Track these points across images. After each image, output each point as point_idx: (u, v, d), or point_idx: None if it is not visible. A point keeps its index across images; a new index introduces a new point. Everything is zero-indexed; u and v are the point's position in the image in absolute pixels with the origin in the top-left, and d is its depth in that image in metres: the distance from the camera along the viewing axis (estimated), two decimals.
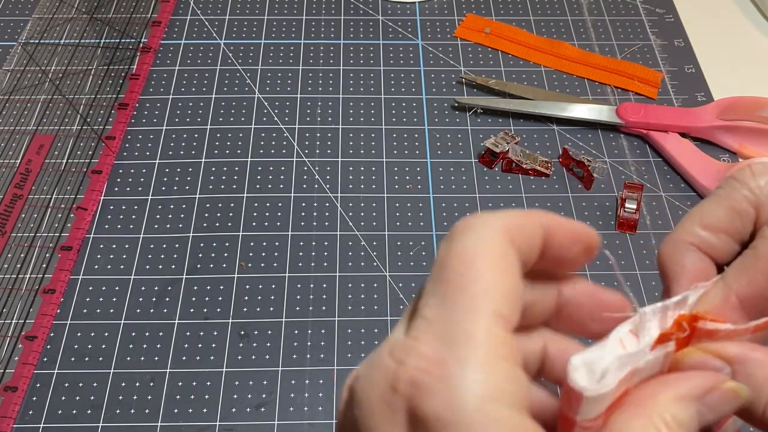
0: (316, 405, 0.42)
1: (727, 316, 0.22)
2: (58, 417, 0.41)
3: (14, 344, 0.43)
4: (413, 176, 0.52)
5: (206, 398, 0.42)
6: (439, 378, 0.17)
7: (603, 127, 0.55)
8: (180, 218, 0.49)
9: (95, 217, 0.49)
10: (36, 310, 0.44)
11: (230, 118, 0.55)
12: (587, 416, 0.19)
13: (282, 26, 0.61)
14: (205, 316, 0.45)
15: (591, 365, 0.19)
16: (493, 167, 0.52)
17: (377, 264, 0.47)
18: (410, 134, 0.54)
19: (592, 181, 0.51)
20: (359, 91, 0.57)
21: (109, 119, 0.54)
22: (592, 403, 0.19)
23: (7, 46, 0.59)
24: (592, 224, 0.49)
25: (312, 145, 0.53)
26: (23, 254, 0.47)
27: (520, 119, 0.55)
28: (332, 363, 0.43)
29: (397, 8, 0.63)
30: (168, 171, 0.51)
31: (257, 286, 0.46)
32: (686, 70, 0.59)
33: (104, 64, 0.58)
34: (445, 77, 0.58)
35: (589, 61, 0.59)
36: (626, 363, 0.19)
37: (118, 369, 0.43)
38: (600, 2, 0.64)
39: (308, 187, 0.51)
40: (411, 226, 0.49)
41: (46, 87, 0.56)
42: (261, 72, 0.58)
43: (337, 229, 0.49)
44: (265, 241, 0.48)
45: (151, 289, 0.46)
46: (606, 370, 0.19)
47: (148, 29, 0.60)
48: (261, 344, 0.44)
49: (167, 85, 0.57)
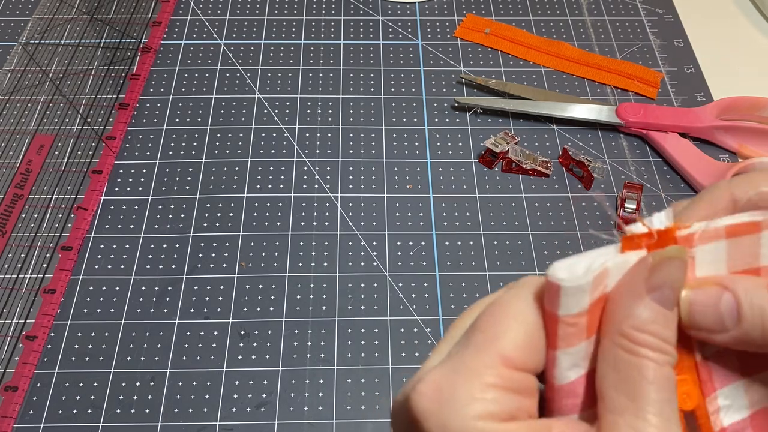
0: (316, 405, 0.42)
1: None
2: (58, 417, 0.41)
3: (15, 344, 0.43)
4: (413, 176, 0.52)
5: (206, 398, 0.42)
6: (435, 400, 0.20)
7: (603, 127, 0.55)
8: (180, 218, 0.49)
9: (95, 217, 0.49)
10: (36, 310, 0.44)
11: (230, 118, 0.55)
12: (568, 312, 0.20)
13: (282, 26, 0.61)
14: (205, 316, 0.45)
15: (571, 266, 0.20)
16: (493, 167, 0.52)
17: (377, 264, 0.47)
18: (410, 134, 0.54)
19: (592, 181, 0.51)
20: (359, 91, 0.57)
21: (110, 119, 0.54)
22: (571, 296, 0.20)
23: (7, 46, 0.59)
24: (591, 224, 0.49)
25: (312, 145, 0.53)
26: (24, 254, 0.47)
27: (520, 119, 0.55)
28: (332, 363, 0.43)
29: (397, 8, 0.63)
30: (168, 171, 0.51)
31: (257, 286, 0.46)
32: (686, 70, 0.59)
33: (104, 64, 0.58)
34: (444, 77, 0.58)
35: (589, 61, 0.59)
36: (599, 261, 0.20)
37: (118, 369, 0.43)
38: (600, 2, 0.64)
39: (308, 187, 0.51)
40: (411, 226, 0.49)
41: (46, 87, 0.56)
42: (261, 72, 0.58)
43: (337, 229, 0.49)
44: (265, 241, 0.48)
45: (151, 289, 0.46)
46: (586, 268, 0.20)
47: (149, 29, 0.60)
48: (261, 344, 0.44)
49: (167, 85, 0.57)
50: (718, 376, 0.22)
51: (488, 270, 0.47)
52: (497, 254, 0.48)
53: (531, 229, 0.49)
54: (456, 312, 0.45)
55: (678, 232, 0.22)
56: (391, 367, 0.43)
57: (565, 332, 0.21)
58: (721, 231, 0.22)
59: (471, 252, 0.48)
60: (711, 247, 0.22)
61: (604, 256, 0.21)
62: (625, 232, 0.21)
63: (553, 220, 0.50)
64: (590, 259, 0.21)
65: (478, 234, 0.49)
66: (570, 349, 0.21)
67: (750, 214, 0.22)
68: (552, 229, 0.49)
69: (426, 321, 0.45)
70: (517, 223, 0.49)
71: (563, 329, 0.21)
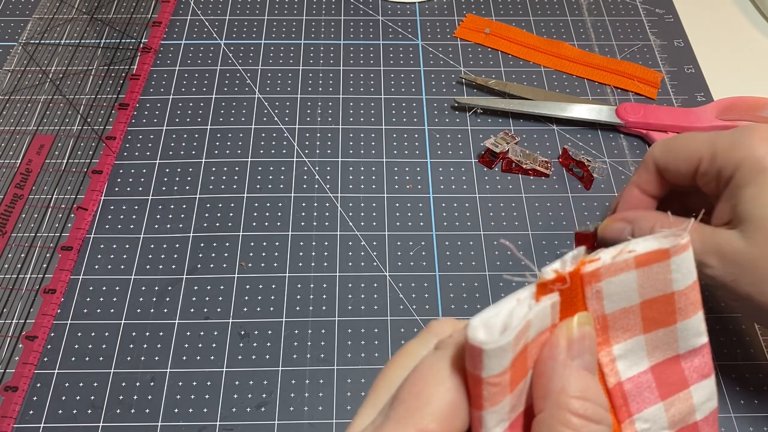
0: (316, 405, 0.42)
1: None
2: (58, 417, 0.41)
3: (15, 344, 0.43)
4: (413, 176, 0.52)
5: (206, 398, 0.42)
6: None
7: (603, 127, 0.55)
8: (180, 218, 0.49)
9: (95, 217, 0.49)
10: (36, 310, 0.44)
11: (230, 118, 0.55)
12: (492, 372, 0.20)
13: (282, 26, 0.61)
14: (205, 316, 0.45)
15: (488, 322, 0.20)
16: (493, 167, 0.52)
17: (377, 264, 0.47)
18: (410, 134, 0.54)
19: (592, 181, 0.51)
20: (359, 91, 0.57)
21: (110, 119, 0.54)
22: (494, 357, 0.20)
23: (7, 46, 0.59)
24: (591, 225, 0.49)
25: (312, 145, 0.53)
26: (24, 254, 0.47)
27: (520, 119, 0.55)
28: (332, 363, 0.43)
29: (397, 8, 0.63)
30: (168, 171, 0.52)
31: (257, 286, 0.46)
32: (686, 70, 0.59)
33: (104, 65, 0.58)
34: (444, 77, 0.58)
35: (589, 61, 0.59)
36: (518, 316, 0.20)
37: (118, 369, 0.43)
38: (600, 2, 0.64)
39: (308, 187, 0.51)
40: (411, 226, 0.49)
41: (46, 87, 0.56)
42: (261, 72, 0.58)
43: (337, 229, 0.49)
44: (265, 241, 0.48)
45: (151, 289, 0.46)
46: (504, 325, 0.20)
47: (149, 29, 0.60)
48: (261, 344, 0.44)
49: (167, 85, 0.57)
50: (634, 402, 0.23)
51: (488, 270, 0.47)
52: (497, 254, 0.48)
53: (531, 229, 0.49)
54: (456, 312, 0.45)
55: (583, 268, 0.22)
56: None
57: (489, 392, 0.20)
58: (630, 262, 0.22)
59: (471, 252, 0.48)
60: (620, 279, 0.22)
61: (521, 305, 0.21)
62: (538, 278, 0.21)
63: (553, 220, 0.50)
64: (506, 311, 0.20)
65: (478, 234, 0.49)
66: (495, 408, 0.21)
67: (655, 238, 0.22)
68: (552, 229, 0.49)
69: (426, 321, 0.45)
70: (517, 223, 0.49)
71: (487, 389, 0.20)
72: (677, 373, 0.24)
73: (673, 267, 0.22)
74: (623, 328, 0.23)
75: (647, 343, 0.23)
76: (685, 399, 0.24)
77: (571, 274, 0.21)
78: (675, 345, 0.23)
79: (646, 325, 0.23)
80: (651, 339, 0.23)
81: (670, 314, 0.23)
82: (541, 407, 0.21)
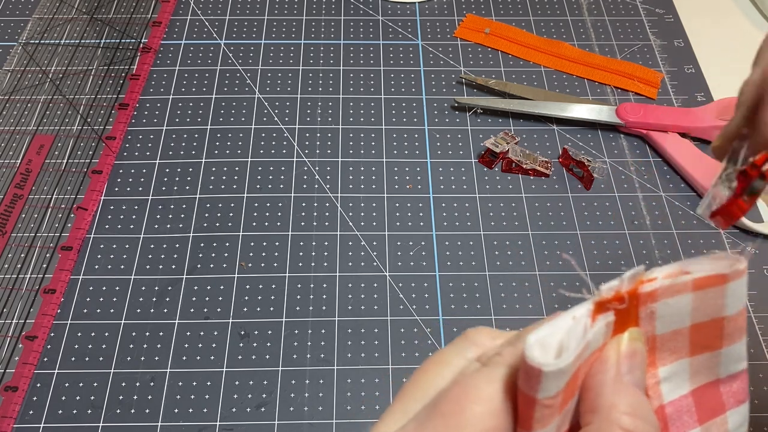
0: (316, 405, 0.42)
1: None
2: (58, 417, 0.41)
3: (15, 344, 0.43)
4: (413, 176, 0.52)
5: (206, 398, 0.42)
6: None
7: (603, 127, 0.55)
8: (180, 218, 0.49)
9: (95, 217, 0.49)
10: (36, 310, 0.44)
11: (230, 118, 0.55)
12: (548, 394, 0.19)
13: (282, 26, 0.61)
14: (205, 316, 0.45)
15: (544, 341, 0.19)
16: (493, 167, 0.52)
17: (377, 264, 0.47)
18: (410, 134, 0.54)
19: (592, 181, 0.51)
20: (359, 91, 0.57)
21: (110, 119, 0.54)
22: (552, 378, 0.19)
23: (7, 46, 0.59)
24: (591, 224, 0.49)
25: (312, 145, 0.53)
26: (23, 254, 0.47)
27: (520, 119, 0.55)
28: (332, 363, 0.43)
29: (397, 8, 0.63)
30: (168, 171, 0.51)
31: (257, 286, 0.46)
32: (686, 70, 0.59)
33: (104, 65, 0.58)
34: (444, 77, 0.58)
35: (589, 61, 0.59)
36: (576, 336, 0.20)
37: (118, 369, 0.43)
38: (600, 2, 0.64)
39: (308, 187, 0.51)
40: (411, 226, 0.49)
41: (46, 87, 0.56)
42: (261, 72, 0.58)
43: (337, 229, 0.49)
44: (265, 241, 0.48)
45: (151, 289, 0.46)
46: (561, 345, 0.19)
47: (149, 29, 0.60)
48: (261, 344, 0.44)
49: (167, 85, 0.57)
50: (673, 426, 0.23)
51: (488, 270, 0.47)
52: (497, 254, 0.48)
53: (531, 229, 0.49)
54: (456, 312, 0.45)
55: (641, 288, 0.21)
56: (391, 367, 0.43)
57: (541, 414, 0.20)
58: (688, 285, 0.22)
59: (471, 252, 0.48)
60: (676, 300, 0.22)
61: (578, 324, 0.20)
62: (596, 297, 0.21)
63: (553, 220, 0.50)
64: (562, 330, 0.20)
65: (478, 234, 0.49)
66: (544, 429, 0.20)
67: (711, 261, 0.22)
68: (552, 229, 0.49)
69: (426, 321, 0.45)
70: (517, 223, 0.49)
71: (540, 411, 0.20)
72: (716, 398, 0.23)
73: (728, 292, 0.22)
74: (670, 350, 0.23)
75: (691, 366, 0.23)
76: (721, 424, 0.23)
77: (629, 293, 0.21)
78: (716, 370, 0.23)
79: (692, 349, 0.23)
80: (695, 363, 0.23)
81: (717, 339, 0.23)
82: (589, 421, 0.21)
